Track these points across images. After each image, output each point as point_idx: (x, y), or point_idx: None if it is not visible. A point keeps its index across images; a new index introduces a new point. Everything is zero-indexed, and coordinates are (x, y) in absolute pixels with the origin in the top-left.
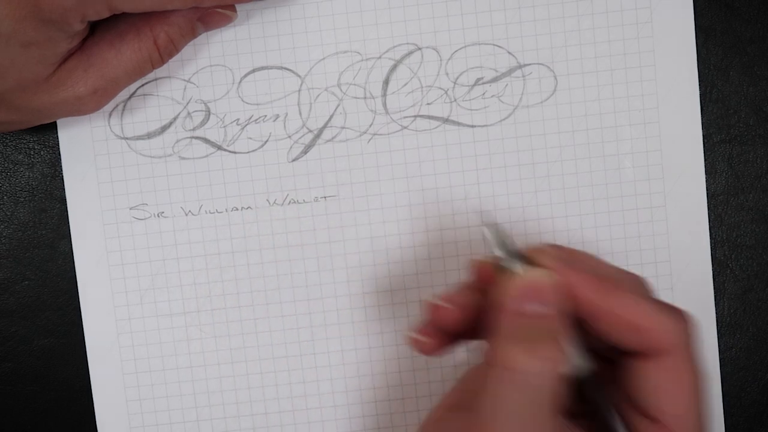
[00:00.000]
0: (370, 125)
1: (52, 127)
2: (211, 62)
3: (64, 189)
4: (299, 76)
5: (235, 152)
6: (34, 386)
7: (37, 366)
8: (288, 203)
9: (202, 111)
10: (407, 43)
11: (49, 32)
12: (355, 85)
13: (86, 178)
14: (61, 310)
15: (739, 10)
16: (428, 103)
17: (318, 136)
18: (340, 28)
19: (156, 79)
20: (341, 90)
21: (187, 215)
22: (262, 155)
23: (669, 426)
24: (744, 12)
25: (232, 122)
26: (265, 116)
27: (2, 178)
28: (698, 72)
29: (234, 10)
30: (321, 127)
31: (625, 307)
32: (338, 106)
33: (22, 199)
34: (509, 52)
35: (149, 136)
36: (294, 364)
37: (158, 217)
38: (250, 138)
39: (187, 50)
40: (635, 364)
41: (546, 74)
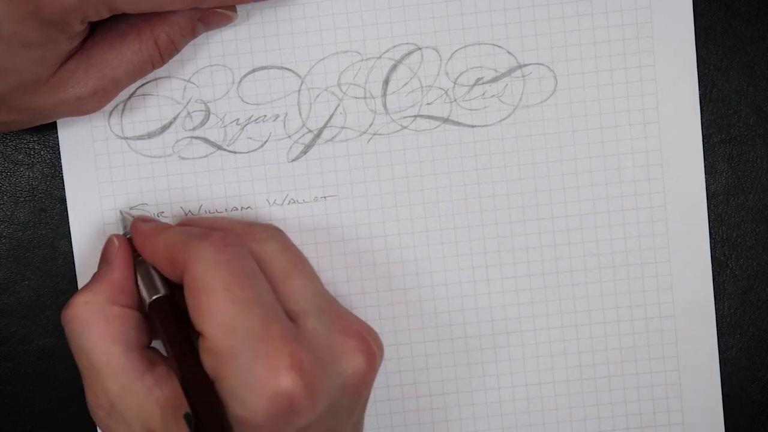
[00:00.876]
0: (370, 125)
1: (52, 127)
2: (211, 62)
3: (64, 189)
4: (299, 76)
5: (234, 152)
6: (34, 386)
7: (37, 366)
8: (288, 203)
9: (202, 111)
10: (407, 43)
11: (50, 33)
12: (355, 85)
13: (86, 178)
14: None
15: (739, 10)
16: (428, 103)
17: (318, 136)
18: (340, 27)
19: (156, 79)
20: (341, 90)
21: (187, 215)
22: (261, 155)
23: (204, 332)
24: (744, 12)
25: (232, 122)
26: (265, 116)
27: (2, 178)
28: (698, 72)
29: (234, 10)
30: (321, 127)
31: (159, 244)
32: (338, 106)
33: (22, 199)
34: (509, 52)
35: (149, 136)
36: None
37: (158, 217)
38: (250, 138)
39: (187, 50)
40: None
41: (546, 74)
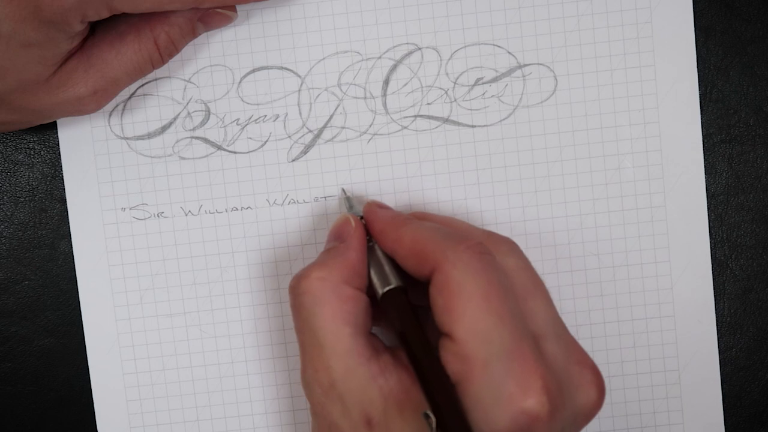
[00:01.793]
0: (370, 125)
1: (52, 127)
2: (211, 62)
3: (64, 189)
4: (299, 76)
5: (235, 152)
6: (34, 386)
7: (37, 366)
8: (288, 203)
9: (202, 111)
10: (407, 43)
11: (50, 33)
12: (355, 85)
13: (86, 178)
14: (61, 310)
15: (739, 10)
16: (428, 103)
17: (318, 136)
18: (340, 28)
19: (156, 79)
20: (341, 90)
21: (187, 215)
22: (262, 155)
23: (454, 335)
24: (744, 12)
25: (232, 122)
26: (265, 116)
27: (2, 178)
28: (698, 72)
29: (234, 10)
30: (321, 127)
31: (406, 236)
32: (338, 106)
33: (23, 199)
34: (509, 52)
35: (149, 136)
36: (294, 364)
37: (158, 217)
38: (250, 138)
39: (187, 50)
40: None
41: (546, 74)
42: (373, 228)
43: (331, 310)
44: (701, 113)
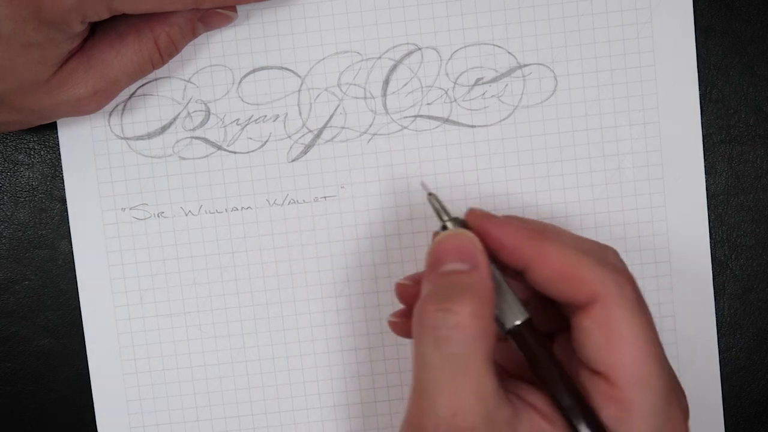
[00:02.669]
0: (370, 125)
1: (52, 127)
2: (211, 62)
3: (64, 189)
4: (299, 76)
5: (235, 152)
6: (34, 386)
7: (37, 366)
8: (288, 203)
9: (202, 111)
10: (407, 43)
11: (50, 33)
12: (355, 85)
13: (86, 178)
14: (61, 311)
15: (739, 10)
16: (428, 103)
17: (318, 136)
18: (340, 28)
19: (156, 79)
20: (341, 90)
21: (187, 215)
22: (262, 155)
23: (613, 378)
24: (744, 12)
25: (232, 122)
26: (265, 116)
27: (2, 178)
28: (698, 72)
29: (234, 10)
30: (321, 127)
31: (554, 254)
32: (338, 106)
33: (23, 199)
34: (509, 53)
35: (149, 136)
36: (294, 364)
37: (158, 217)
38: (250, 138)
39: (187, 50)
40: (574, 317)
41: (546, 74)
42: (502, 242)
43: (484, 350)
44: (702, 113)
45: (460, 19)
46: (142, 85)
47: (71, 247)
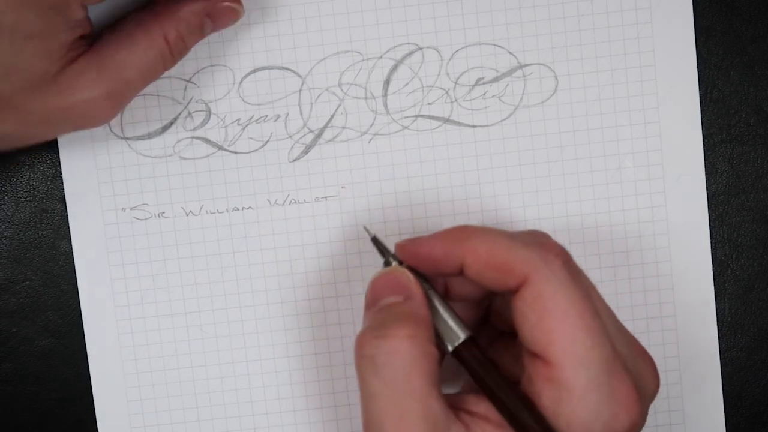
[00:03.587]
0: (371, 125)
1: None
2: (212, 62)
3: (64, 189)
4: (300, 76)
5: (236, 152)
6: (35, 387)
7: (38, 366)
8: (289, 203)
9: (202, 111)
10: (408, 43)
11: (50, 20)
12: (356, 85)
13: (86, 178)
14: (62, 311)
15: (740, 10)
16: (429, 103)
17: (319, 136)
18: (341, 27)
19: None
20: (342, 90)
21: (188, 215)
22: (263, 155)
23: (549, 357)
24: (745, 11)
25: (233, 122)
26: (266, 116)
27: (3, 178)
28: (699, 72)
29: (240, 3)
30: (322, 127)
31: (479, 246)
32: (339, 106)
33: (23, 200)
34: (510, 52)
35: (150, 136)
36: (295, 365)
37: (159, 217)
38: (251, 138)
39: None
40: (512, 304)
41: (547, 74)
42: (432, 255)
43: (424, 372)
44: (702, 113)
45: (461, 18)
46: None
47: (72, 248)
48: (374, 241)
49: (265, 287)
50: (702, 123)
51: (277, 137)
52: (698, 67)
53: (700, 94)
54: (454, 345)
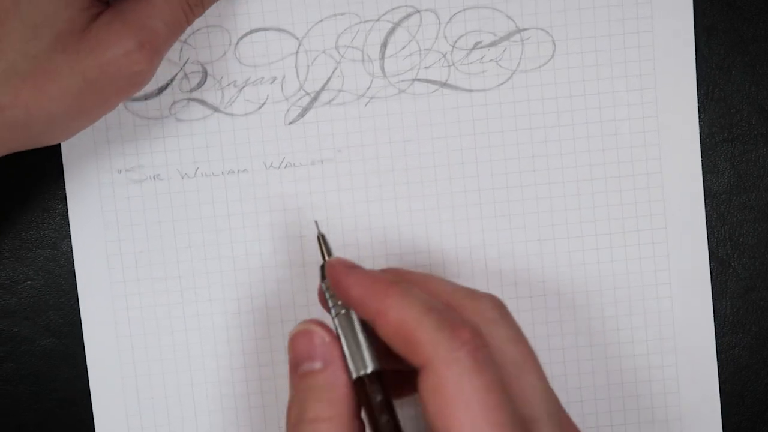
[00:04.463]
0: (368, 88)
1: None
2: (208, 23)
3: (65, 189)
4: (297, 38)
5: (232, 114)
6: (36, 386)
7: (39, 366)
8: (285, 166)
9: (199, 72)
10: (406, 6)
11: None
12: (352, 47)
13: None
14: (64, 311)
15: (741, 9)
16: (426, 67)
17: (315, 98)
18: None
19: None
20: (339, 52)
21: (183, 178)
22: (259, 117)
23: None
24: (746, 11)
25: (229, 84)
26: (263, 78)
27: (4, 178)
28: (700, 71)
29: None
30: (318, 90)
31: (392, 312)
32: (336, 68)
33: (25, 199)
34: (508, 16)
35: (146, 97)
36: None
37: (154, 179)
38: (248, 100)
39: None
40: (417, 380)
41: (544, 39)
42: (349, 293)
43: None
44: (704, 113)
45: None
46: None
47: (72, 248)
48: (319, 239)
49: (259, 250)
50: (703, 122)
51: (274, 100)
52: (700, 67)
53: (701, 94)
54: (359, 374)
